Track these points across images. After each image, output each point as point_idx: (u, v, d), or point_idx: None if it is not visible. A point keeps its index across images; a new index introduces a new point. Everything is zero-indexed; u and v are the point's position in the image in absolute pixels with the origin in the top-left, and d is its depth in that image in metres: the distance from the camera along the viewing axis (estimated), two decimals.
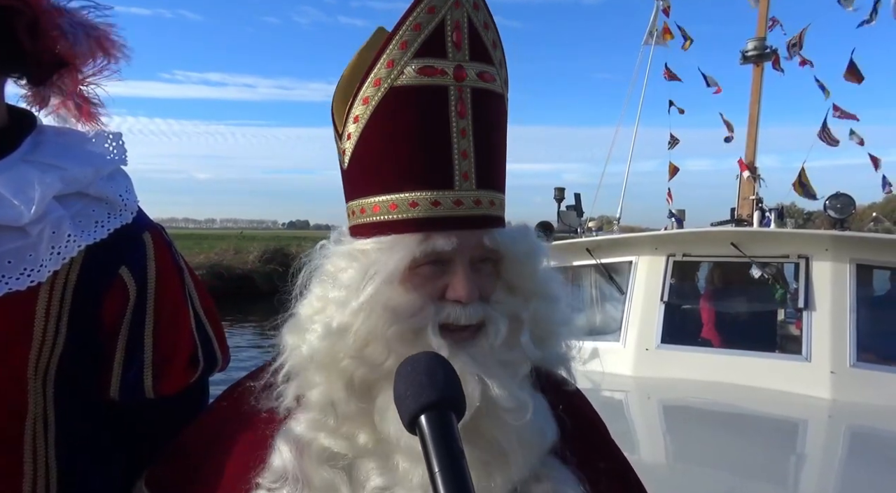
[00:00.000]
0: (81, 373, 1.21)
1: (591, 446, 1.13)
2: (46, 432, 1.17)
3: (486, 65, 1.02)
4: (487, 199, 1.02)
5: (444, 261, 1.00)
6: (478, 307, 1.00)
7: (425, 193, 0.99)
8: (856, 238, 4.87)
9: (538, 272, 1.09)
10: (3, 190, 1.11)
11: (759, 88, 7.03)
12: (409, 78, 0.98)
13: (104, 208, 1.24)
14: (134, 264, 1.25)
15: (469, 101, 0.99)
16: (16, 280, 1.11)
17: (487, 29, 1.02)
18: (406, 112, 1.00)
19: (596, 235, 6.12)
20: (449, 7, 0.98)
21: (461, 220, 1.00)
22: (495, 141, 1.04)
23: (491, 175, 1.04)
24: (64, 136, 1.25)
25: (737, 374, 4.63)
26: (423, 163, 1.00)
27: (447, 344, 0.96)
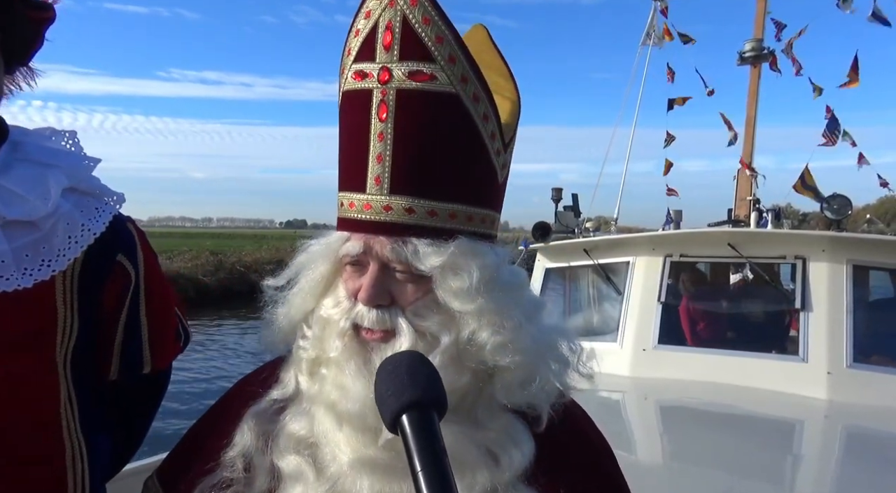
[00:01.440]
0: (87, 356, 1.30)
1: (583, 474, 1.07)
2: (73, 413, 1.25)
3: (421, 62, 0.98)
4: (402, 205, 0.99)
5: (363, 263, 1.03)
6: (385, 315, 1.00)
7: (346, 194, 1.05)
8: (852, 239, 4.88)
9: (465, 294, 0.99)
10: (14, 187, 1.17)
11: (757, 88, 7.05)
12: (350, 83, 1.03)
13: (95, 200, 1.31)
14: (128, 250, 1.35)
15: (392, 103, 0.98)
16: (38, 271, 1.17)
17: (428, 24, 0.98)
18: (343, 116, 1.06)
19: (593, 236, 6.12)
20: (383, 8, 0.98)
21: (368, 224, 1.01)
22: (425, 143, 1.00)
23: (410, 180, 1.00)
24: (29, 135, 1.30)
25: (734, 374, 4.64)
26: (348, 165, 1.05)
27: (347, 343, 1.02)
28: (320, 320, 1.05)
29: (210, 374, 14.95)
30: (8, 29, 1.19)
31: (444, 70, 0.98)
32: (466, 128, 1.02)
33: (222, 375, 14.66)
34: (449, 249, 0.99)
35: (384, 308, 1.00)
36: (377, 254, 1.00)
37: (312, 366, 1.07)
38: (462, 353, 1.00)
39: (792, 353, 4.71)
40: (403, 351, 0.87)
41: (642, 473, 3.32)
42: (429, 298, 1.00)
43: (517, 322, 1.01)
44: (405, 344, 0.97)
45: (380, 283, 1.00)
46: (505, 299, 1.02)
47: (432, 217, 1.00)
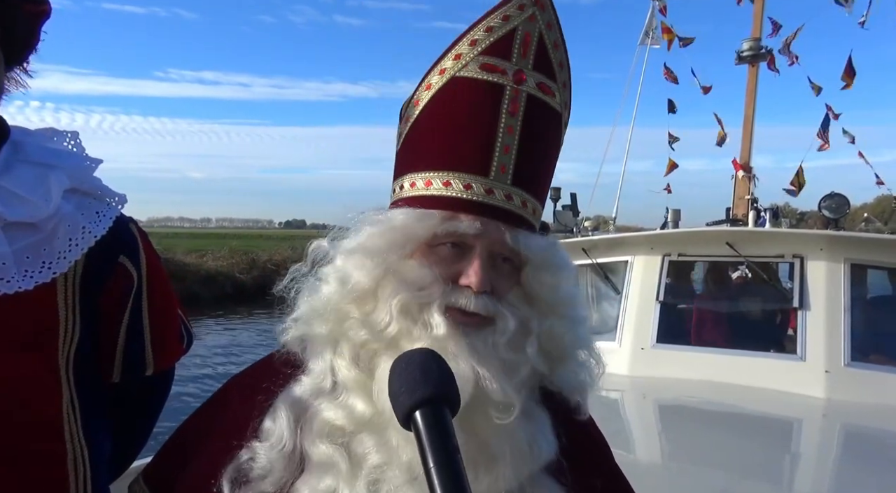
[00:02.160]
0: (89, 358, 1.29)
1: (592, 469, 1.10)
2: (76, 414, 1.25)
3: (547, 78, 1.07)
4: (520, 198, 1.05)
5: (464, 246, 1.03)
6: (489, 301, 1.01)
7: (461, 174, 1.04)
8: (850, 238, 4.89)
9: (560, 289, 1.08)
10: (15, 188, 1.16)
11: (755, 88, 7.06)
12: (472, 71, 1.06)
13: (97, 201, 1.30)
14: (130, 252, 1.34)
15: (523, 103, 1.05)
16: (39, 273, 1.17)
17: (557, 49, 1.08)
18: (462, 100, 1.06)
19: (592, 235, 6.13)
20: (523, 20, 1.06)
21: (488, 208, 1.03)
22: (541, 149, 1.09)
23: (529, 177, 1.07)
24: (31, 135, 1.30)
25: (732, 373, 4.65)
26: (465, 147, 1.05)
27: (448, 323, 0.98)
28: (400, 302, 1.00)
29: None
30: (6, 23, 1.18)
31: (559, 92, 1.10)
32: (558, 146, 1.14)
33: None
34: (552, 246, 1.09)
35: (487, 294, 1.02)
36: (491, 239, 1.02)
37: (355, 353, 1.03)
38: (542, 340, 1.05)
39: (790, 352, 4.72)
40: (416, 349, 0.86)
41: (641, 472, 3.33)
42: (518, 290, 1.07)
43: (582, 317, 1.13)
44: (509, 331, 1.01)
45: (488, 269, 1.02)
46: (574, 295, 1.12)
47: (533, 214, 1.09)
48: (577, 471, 1.04)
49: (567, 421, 1.08)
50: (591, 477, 1.07)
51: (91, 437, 1.27)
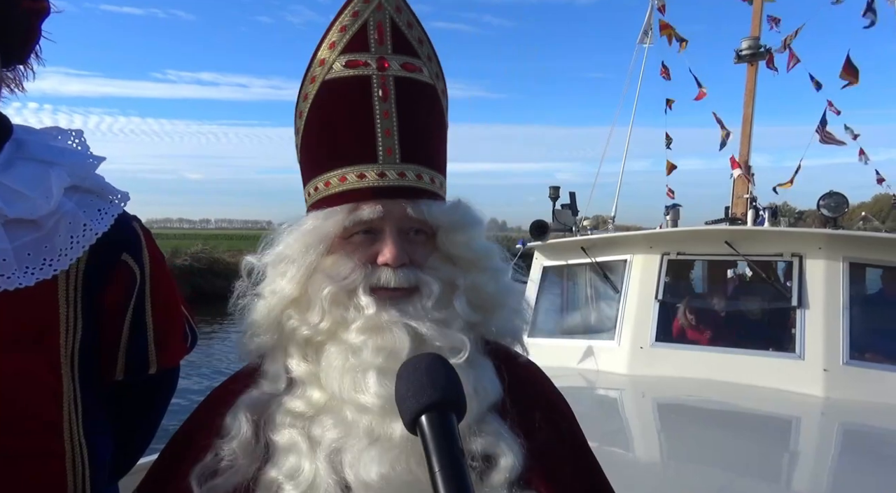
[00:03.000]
0: (92, 356, 1.29)
1: (533, 403, 1.15)
2: (77, 413, 1.25)
3: (410, 57, 1.14)
4: (413, 172, 1.13)
5: (375, 230, 1.11)
6: (409, 272, 1.10)
7: (353, 167, 1.12)
8: (849, 237, 4.90)
9: (473, 244, 1.16)
10: (16, 185, 1.16)
11: (754, 87, 7.06)
12: (338, 72, 1.13)
13: (99, 199, 1.30)
14: (132, 249, 1.34)
15: (392, 86, 1.12)
16: (40, 270, 1.17)
17: (411, 27, 1.15)
18: (336, 100, 1.14)
19: (591, 234, 6.13)
20: (371, 10, 1.12)
21: (384, 190, 1.11)
22: (423, 122, 1.16)
23: (417, 151, 1.14)
24: (34, 133, 1.30)
25: (731, 372, 4.66)
26: (351, 142, 1.13)
27: (376, 300, 1.07)
28: (329, 294, 1.09)
29: None
30: (6, 21, 1.18)
31: (426, 66, 1.16)
32: (440, 115, 1.20)
33: None
34: (456, 208, 1.17)
35: (405, 267, 1.10)
36: (396, 216, 1.10)
37: (305, 350, 1.12)
38: (469, 294, 1.13)
39: (789, 350, 4.72)
40: (424, 353, 0.88)
41: (640, 470, 3.33)
42: (437, 254, 1.15)
43: (501, 267, 1.20)
44: (434, 293, 1.09)
45: (401, 244, 1.10)
46: (490, 247, 1.20)
47: (432, 184, 1.16)
48: (518, 406, 1.10)
49: (509, 365, 1.15)
50: (531, 410, 1.12)
51: (91, 435, 1.27)
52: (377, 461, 0.99)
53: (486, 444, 1.03)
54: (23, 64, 1.30)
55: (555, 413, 1.18)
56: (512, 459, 1.01)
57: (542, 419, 1.12)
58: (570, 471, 1.12)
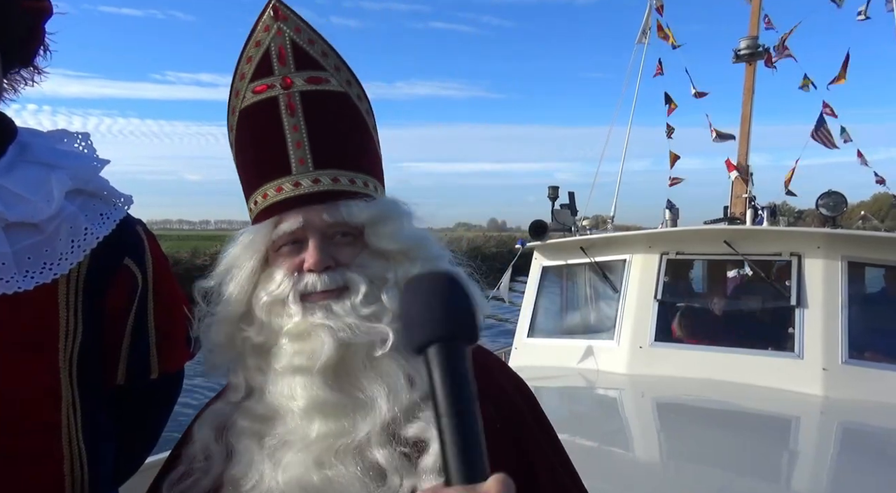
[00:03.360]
0: (93, 360, 1.28)
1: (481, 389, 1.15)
2: (76, 417, 1.24)
3: (314, 71, 1.19)
4: (328, 177, 1.17)
5: (301, 239, 1.17)
6: (335, 274, 1.15)
7: (272, 182, 1.18)
8: (848, 236, 4.90)
9: (399, 235, 1.19)
10: (17, 188, 1.16)
11: (752, 86, 7.06)
12: (249, 99, 1.20)
13: (102, 203, 1.30)
14: (135, 254, 1.33)
15: (298, 101, 1.17)
16: (40, 274, 1.16)
17: (313, 44, 1.20)
18: (252, 125, 1.21)
19: (590, 234, 6.14)
20: (272, 37, 1.18)
21: (300, 198, 1.16)
22: (335, 128, 1.20)
23: (331, 156, 1.18)
24: (40, 136, 1.30)
25: (730, 372, 4.66)
26: (267, 159, 1.19)
27: (303, 307, 1.13)
28: (265, 306, 1.17)
29: None
30: (5, 23, 1.17)
31: (334, 76, 1.20)
32: (358, 119, 1.24)
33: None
34: (376, 204, 1.19)
35: (331, 270, 1.15)
36: (316, 224, 1.15)
37: (259, 359, 1.18)
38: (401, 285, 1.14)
39: (788, 350, 4.72)
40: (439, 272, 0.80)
41: (639, 470, 3.34)
42: (365, 252, 1.18)
43: (436, 255, 1.23)
44: (361, 290, 1.13)
45: (323, 249, 1.15)
46: (423, 239, 1.23)
47: (353, 184, 1.19)
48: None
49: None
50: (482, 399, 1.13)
51: (92, 439, 1.27)
52: (293, 459, 1.07)
53: (417, 429, 1.06)
54: (27, 65, 1.29)
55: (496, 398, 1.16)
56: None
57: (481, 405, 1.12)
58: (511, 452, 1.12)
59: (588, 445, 3.40)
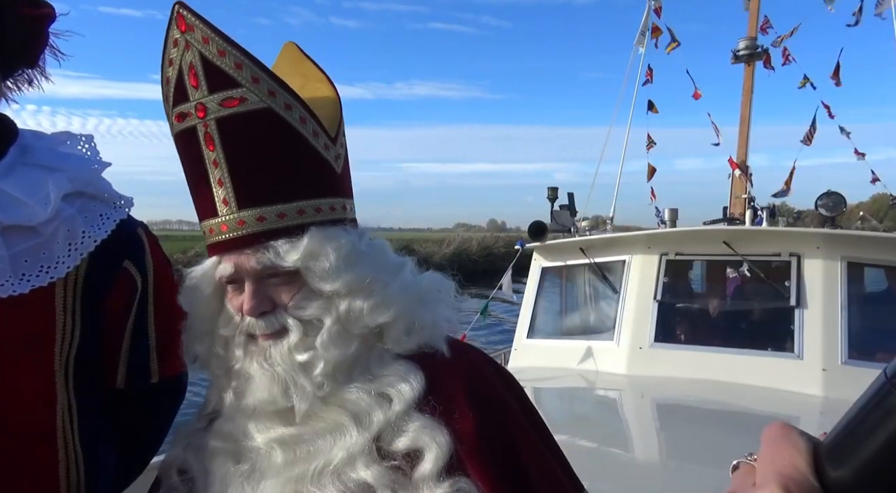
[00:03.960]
0: (91, 364, 1.28)
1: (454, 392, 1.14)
2: (72, 421, 1.23)
3: (228, 89, 1.08)
4: (253, 216, 1.10)
5: (238, 280, 1.13)
6: (273, 317, 1.11)
7: (205, 222, 1.15)
8: (847, 236, 4.90)
9: (334, 274, 1.11)
10: (15, 191, 1.15)
11: (751, 87, 7.06)
12: (175, 127, 1.14)
13: (102, 205, 1.29)
14: (135, 257, 1.32)
15: (215, 132, 1.09)
16: (36, 277, 1.16)
17: (225, 55, 1.08)
18: (182, 156, 1.16)
19: (589, 235, 6.14)
20: (181, 53, 1.09)
21: (229, 243, 1.12)
22: (256, 158, 1.11)
23: (253, 192, 1.11)
24: (43, 139, 1.29)
25: (730, 372, 4.66)
26: (197, 197, 1.15)
27: (244, 352, 1.13)
28: (220, 339, 1.17)
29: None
30: (3, 29, 1.17)
31: (252, 91, 1.09)
32: (287, 133, 1.12)
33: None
34: (303, 242, 1.10)
35: (268, 313, 1.11)
36: (247, 269, 1.11)
37: (226, 380, 1.18)
38: (346, 325, 1.12)
39: (787, 350, 4.72)
40: None
41: (639, 470, 3.34)
42: (304, 291, 1.12)
43: (384, 282, 1.16)
44: (294, 336, 1.10)
45: (258, 294, 1.11)
46: (368, 267, 1.15)
47: (282, 219, 1.11)
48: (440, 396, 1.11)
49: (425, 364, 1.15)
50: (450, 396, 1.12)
51: (90, 444, 1.26)
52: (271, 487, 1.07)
53: (408, 441, 1.05)
54: (32, 66, 1.28)
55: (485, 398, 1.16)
56: (436, 449, 1.03)
57: (470, 405, 1.11)
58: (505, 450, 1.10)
59: (588, 445, 3.40)
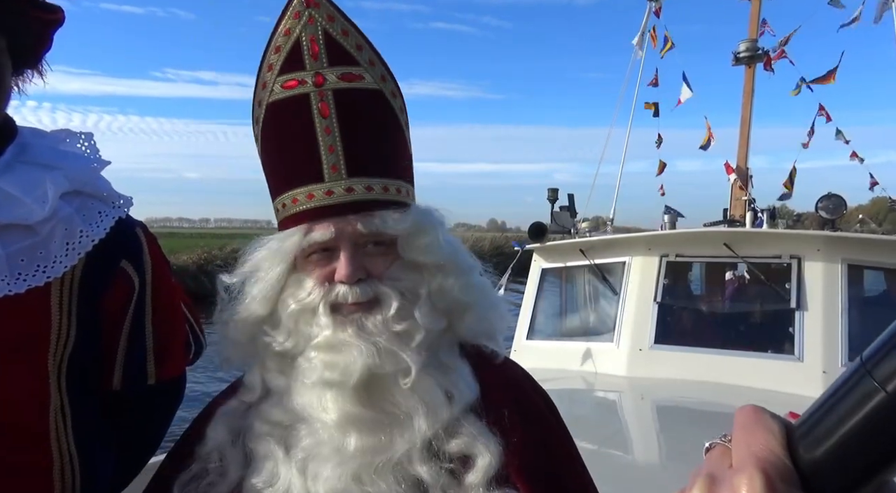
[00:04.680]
0: (86, 365, 1.26)
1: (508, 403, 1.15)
2: (66, 423, 1.22)
3: (348, 66, 1.12)
4: (362, 185, 1.12)
5: (332, 248, 1.12)
6: (367, 286, 1.11)
7: (302, 188, 1.13)
8: (847, 238, 4.90)
9: (434, 247, 1.15)
10: (12, 190, 1.14)
11: (752, 89, 7.06)
12: (278, 94, 1.13)
13: (100, 204, 1.28)
14: (132, 256, 1.31)
15: (332, 101, 1.11)
16: (33, 277, 1.14)
17: (347, 35, 1.13)
18: (281, 123, 1.15)
19: (589, 236, 6.13)
20: (303, 26, 1.11)
21: (333, 208, 1.11)
22: (370, 132, 1.14)
23: (365, 163, 1.13)
24: (43, 137, 1.28)
25: (730, 374, 4.66)
26: (298, 163, 1.14)
27: (333, 320, 1.10)
28: (294, 313, 1.13)
29: None
30: (16, 31, 1.17)
31: (368, 71, 1.14)
32: (392, 117, 1.18)
33: None
34: (411, 214, 1.15)
35: (363, 282, 1.11)
36: (348, 234, 1.11)
37: (282, 362, 1.15)
38: (436, 300, 1.14)
39: (787, 352, 4.72)
40: None
41: (639, 472, 3.33)
42: (398, 263, 1.14)
43: (469, 266, 1.21)
44: (393, 305, 1.10)
45: (355, 260, 1.11)
46: (456, 250, 1.20)
47: (386, 192, 1.14)
48: (493, 406, 1.11)
49: (484, 367, 1.17)
50: (505, 410, 1.13)
51: (85, 447, 1.24)
52: (331, 474, 1.04)
53: (462, 445, 1.05)
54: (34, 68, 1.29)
55: (530, 413, 1.18)
56: (489, 457, 1.04)
57: (518, 419, 1.12)
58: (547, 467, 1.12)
59: (587, 447, 3.39)
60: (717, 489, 0.51)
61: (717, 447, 0.59)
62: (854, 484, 0.47)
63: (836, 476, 0.48)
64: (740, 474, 0.49)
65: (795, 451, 0.50)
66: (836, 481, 0.48)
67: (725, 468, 0.53)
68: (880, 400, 0.45)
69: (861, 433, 0.47)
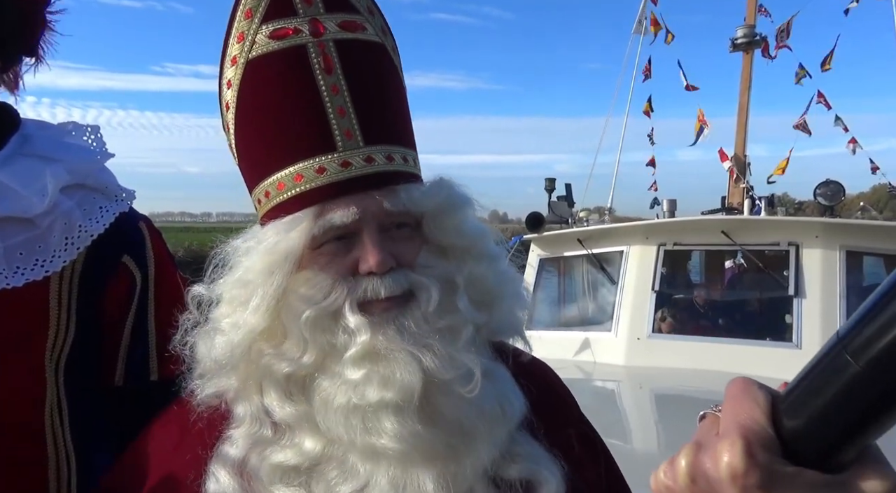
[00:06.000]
0: (85, 361, 1.24)
1: (558, 412, 1.05)
2: (62, 419, 1.20)
3: (348, 13, 0.93)
4: (383, 154, 0.91)
5: (350, 234, 0.90)
6: (400, 276, 0.90)
7: (308, 161, 0.90)
8: (846, 225, 4.89)
9: (464, 228, 0.97)
10: (11, 182, 1.12)
11: (749, 75, 7.03)
12: (263, 47, 0.91)
13: (103, 197, 1.25)
14: (134, 251, 1.28)
15: (334, 53, 0.91)
16: (31, 270, 1.12)
17: None
18: (269, 82, 0.92)
19: (587, 226, 6.12)
20: None
21: (352, 182, 0.89)
22: (381, 92, 0.95)
23: (382, 128, 0.93)
24: (47, 129, 1.26)
25: (728, 362, 4.66)
26: (299, 130, 0.91)
27: (367, 322, 0.87)
28: (308, 321, 0.88)
29: None
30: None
31: (369, 21, 0.95)
32: (397, 76, 1.00)
33: None
34: (439, 188, 0.96)
35: (394, 271, 0.90)
36: (373, 213, 0.89)
37: (288, 386, 0.91)
38: (470, 290, 0.94)
39: (786, 339, 4.72)
40: None
41: (638, 462, 3.33)
42: (425, 248, 0.94)
43: (498, 252, 1.02)
44: (434, 298, 0.89)
45: (383, 244, 0.89)
46: (484, 232, 1.01)
47: (406, 164, 0.95)
48: (544, 418, 0.96)
49: (519, 368, 0.99)
50: (559, 423, 1.01)
51: (84, 443, 1.23)
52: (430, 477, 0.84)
53: (524, 470, 0.89)
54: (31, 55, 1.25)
55: (583, 424, 1.09)
56: (555, 485, 0.88)
57: (575, 435, 1.01)
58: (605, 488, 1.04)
59: None
60: (701, 454, 0.56)
61: (709, 416, 0.63)
62: (830, 450, 0.52)
63: (815, 443, 0.53)
64: (724, 440, 0.53)
65: (779, 420, 0.55)
66: (814, 447, 0.52)
67: (713, 435, 0.56)
68: (853, 373, 0.50)
69: (837, 404, 0.51)
